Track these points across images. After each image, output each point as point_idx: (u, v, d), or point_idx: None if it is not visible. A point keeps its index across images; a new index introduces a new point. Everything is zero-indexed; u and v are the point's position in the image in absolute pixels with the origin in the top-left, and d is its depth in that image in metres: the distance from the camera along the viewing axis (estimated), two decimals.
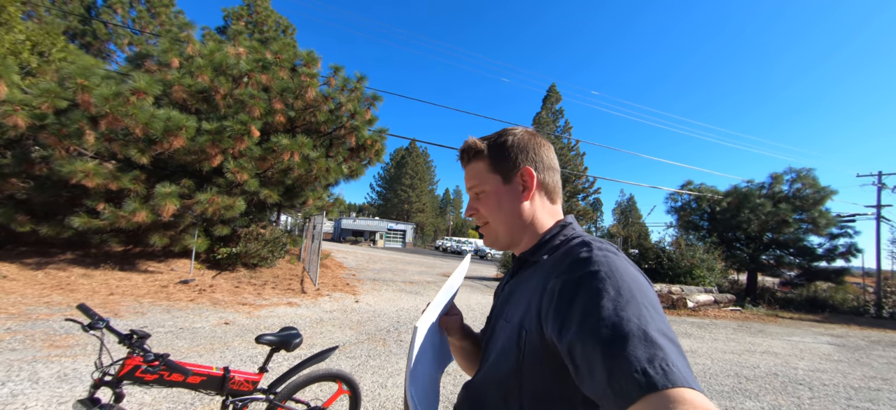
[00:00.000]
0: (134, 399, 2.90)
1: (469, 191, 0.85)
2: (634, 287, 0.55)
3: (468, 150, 0.84)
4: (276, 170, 8.66)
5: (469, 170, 0.84)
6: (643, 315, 0.51)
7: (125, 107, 6.50)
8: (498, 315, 0.80)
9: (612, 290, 0.54)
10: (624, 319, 0.50)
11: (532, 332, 0.64)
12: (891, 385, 5.39)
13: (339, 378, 2.29)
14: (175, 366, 1.61)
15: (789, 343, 8.03)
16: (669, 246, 15.20)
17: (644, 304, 0.53)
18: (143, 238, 8.05)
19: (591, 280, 0.57)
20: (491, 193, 0.80)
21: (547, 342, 0.61)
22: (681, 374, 0.44)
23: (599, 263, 0.59)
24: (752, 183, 18.73)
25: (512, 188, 0.79)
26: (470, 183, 0.84)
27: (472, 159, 0.84)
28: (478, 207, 0.83)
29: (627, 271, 0.59)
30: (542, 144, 0.82)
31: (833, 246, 17.34)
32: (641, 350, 0.46)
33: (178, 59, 8.17)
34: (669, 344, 0.48)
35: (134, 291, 6.49)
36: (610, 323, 0.50)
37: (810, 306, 15.72)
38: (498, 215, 0.80)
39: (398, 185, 59.35)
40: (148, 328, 4.75)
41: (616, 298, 0.53)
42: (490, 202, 0.80)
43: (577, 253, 0.64)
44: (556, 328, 0.57)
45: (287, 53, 9.23)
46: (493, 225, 0.81)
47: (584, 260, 0.61)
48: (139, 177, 7.45)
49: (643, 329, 0.49)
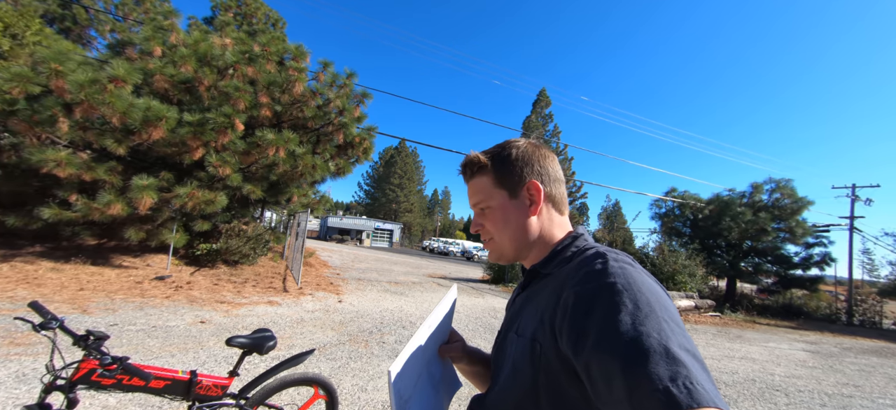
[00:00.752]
0: (97, 402, 2.75)
1: (474, 206, 0.82)
2: (653, 299, 0.53)
3: (471, 165, 0.81)
4: (260, 165, 8.46)
5: (473, 185, 0.81)
6: (664, 329, 0.49)
7: (102, 95, 6.24)
8: (508, 327, 0.78)
9: (630, 303, 0.52)
10: (643, 334, 0.48)
11: (546, 347, 0.61)
12: (862, 392, 5.54)
13: (314, 382, 2.21)
14: (135, 370, 1.51)
15: (766, 350, 8.22)
16: (653, 252, 15.47)
17: (664, 318, 0.51)
18: (117, 231, 7.76)
19: (607, 292, 0.54)
20: (497, 209, 0.78)
21: (563, 357, 0.58)
22: (707, 394, 0.42)
23: (616, 275, 0.57)
24: (734, 191, 19.24)
25: (519, 202, 0.77)
26: (475, 198, 0.81)
27: (475, 174, 0.81)
28: (483, 223, 0.80)
29: (645, 283, 0.56)
30: (547, 156, 0.80)
31: (808, 255, 17.93)
32: (663, 367, 0.44)
33: (160, 47, 7.90)
34: (693, 361, 0.46)
35: (106, 287, 6.24)
36: (629, 339, 0.48)
37: (786, 313, 16.20)
38: (504, 231, 0.77)
39: (386, 185, 59.02)
40: (119, 325, 4.56)
41: (634, 312, 0.51)
42: (496, 218, 0.78)
43: (592, 265, 0.61)
44: (571, 343, 0.55)
45: (275, 46, 9.04)
46: (499, 241, 0.78)
47: (600, 272, 0.58)
48: (115, 169, 7.18)
49: (664, 344, 0.46)
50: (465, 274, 19.38)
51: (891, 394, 5.59)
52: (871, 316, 16.85)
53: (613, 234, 22.62)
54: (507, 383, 0.68)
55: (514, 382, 0.66)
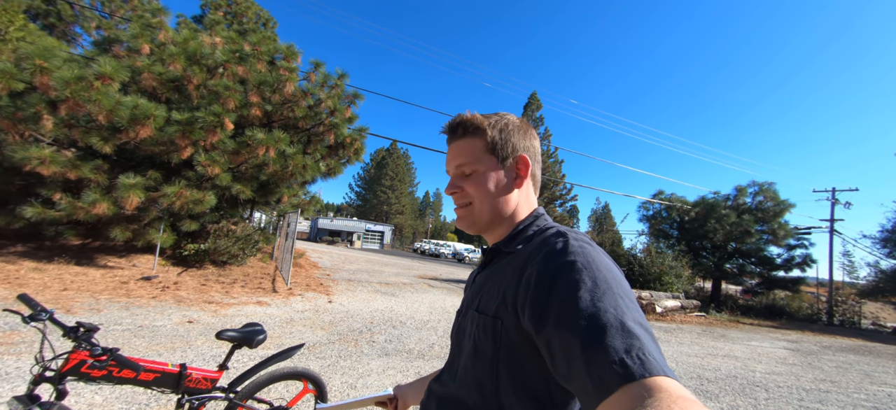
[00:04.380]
0: (83, 399, 2.73)
1: (457, 168, 0.78)
2: (610, 277, 0.55)
3: (463, 125, 0.78)
4: (250, 164, 8.41)
5: (460, 146, 0.78)
6: (619, 305, 0.51)
7: (88, 93, 6.16)
8: (468, 306, 0.78)
9: (589, 281, 0.54)
10: (601, 310, 0.50)
11: (509, 324, 0.63)
12: (838, 387, 5.73)
13: (304, 376, 2.23)
14: (125, 362, 1.53)
15: (748, 348, 8.42)
16: (641, 253, 15.69)
17: (620, 295, 0.53)
18: (103, 231, 7.64)
19: (567, 270, 0.56)
20: (483, 174, 0.75)
21: (524, 333, 0.60)
22: (657, 363, 0.45)
23: (575, 253, 0.59)
24: (719, 194, 19.65)
25: (506, 173, 0.77)
26: (460, 159, 0.77)
27: (466, 134, 0.78)
28: (464, 186, 0.77)
29: (603, 262, 0.58)
30: (534, 135, 0.82)
31: (790, 256, 18.39)
32: (619, 340, 0.47)
33: (149, 45, 7.81)
34: (645, 334, 0.49)
35: (91, 287, 6.14)
36: (588, 314, 0.50)
37: (769, 313, 16.57)
38: (485, 198, 0.75)
39: (378, 186, 58.80)
40: (104, 325, 4.50)
41: (593, 289, 0.53)
42: (480, 182, 0.75)
43: (553, 244, 0.63)
44: (533, 319, 0.56)
45: (266, 46, 9.00)
46: (477, 207, 0.76)
47: (561, 251, 0.60)
48: (101, 167, 7.07)
49: (620, 319, 0.49)
50: (456, 275, 19.43)
51: (865, 389, 5.79)
52: (851, 316, 17.35)
53: (603, 236, 22.90)
54: (468, 361, 0.69)
55: (475, 359, 0.67)
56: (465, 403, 0.68)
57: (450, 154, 0.80)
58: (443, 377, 0.77)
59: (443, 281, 15.45)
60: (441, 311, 8.34)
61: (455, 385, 0.72)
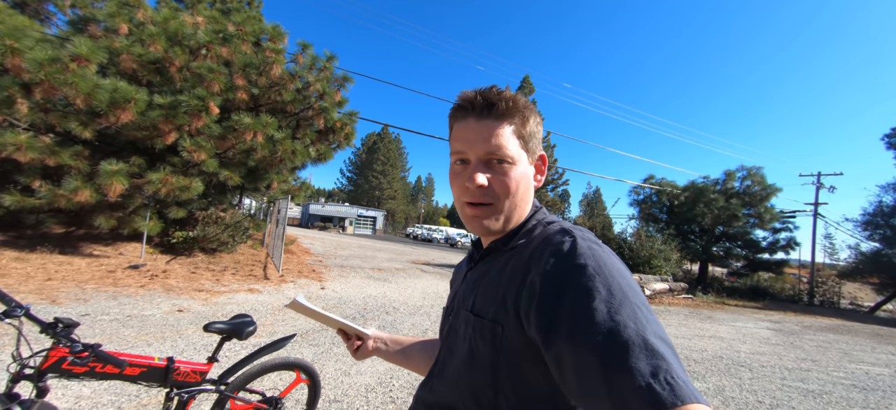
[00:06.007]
0: (71, 392, 2.68)
1: (489, 154, 0.63)
2: (624, 284, 0.51)
3: (507, 102, 0.63)
4: (237, 150, 8.21)
5: (498, 128, 0.63)
6: (639, 318, 0.46)
7: (64, 75, 5.90)
8: (460, 305, 0.71)
9: (603, 289, 0.49)
10: (620, 324, 0.45)
11: (510, 330, 0.57)
12: (819, 366, 5.93)
13: (296, 366, 2.21)
14: (108, 357, 1.47)
15: (733, 329, 8.66)
16: (631, 237, 15.92)
17: (637, 305, 0.48)
18: (86, 219, 7.44)
19: (578, 276, 0.51)
20: (515, 170, 0.64)
21: (529, 341, 0.55)
22: (687, 389, 0.41)
23: (585, 256, 0.53)
24: (708, 179, 19.93)
25: (531, 172, 0.69)
26: (497, 145, 0.62)
27: (506, 116, 0.64)
28: (492, 178, 0.63)
29: (615, 266, 0.53)
30: None
31: (775, 239, 18.86)
32: (643, 361, 0.42)
33: (127, 24, 7.48)
34: (669, 352, 0.44)
35: (76, 276, 6.00)
36: (605, 329, 0.45)
37: (753, 294, 17.05)
38: (513, 198, 0.65)
39: (369, 171, 58.37)
40: (91, 315, 4.42)
41: (608, 299, 0.48)
42: (512, 179, 0.64)
43: (559, 244, 0.57)
44: (541, 330, 0.51)
45: (251, 26, 8.70)
46: (505, 207, 0.65)
47: (568, 254, 0.55)
48: (81, 153, 6.84)
49: (642, 335, 0.44)
50: (449, 260, 19.52)
51: (844, 368, 6.01)
52: (831, 296, 17.93)
53: (594, 220, 23.16)
54: (462, 366, 0.64)
55: (471, 366, 0.62)
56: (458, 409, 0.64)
57: (475, 133, 0.64)
58: (432, 381, 0.71)
59: (435, 266, 15.51)
60: (434, 296, 8.38)
61: (446, 390, 0.67)
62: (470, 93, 0.65)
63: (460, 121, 0.66)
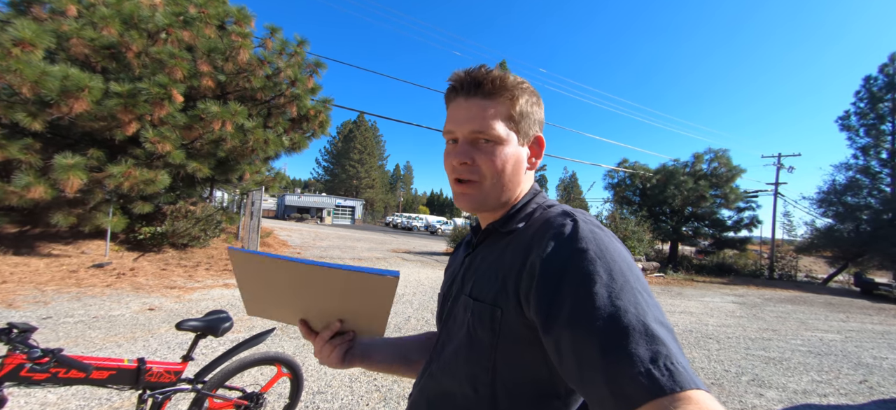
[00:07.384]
0: (34, 398, 2.53)
1: (473, 133, 0.63)
2: (626, 268, 0.50)
3: (494, 81, 0.63)
4: (205, 140, 7.84)
5: (484, 107, 0.63)
6: (639, 302, 0.46)
7: (6, 61, 5.42)
8: (458, 290, 0.70)
9: (604, 273, 0.48)
10: (621, 308, 0.45)
11: (509, 314, 0.57)
12: (779, 335, 6.34)
13: (277, 360, 2.16)
14: (71, 362, 1.39)
15: (702, 304, 9.11)
16: (606, 220, 16.37)
17: (639, 289, 0.48)
18: (42, 217, 6.97)
19: (578, 260, 0.51)
20: (504, 149, 0.64)
21: (528, 324, 0.55)
22: (687, 374, 0.40)
23: (587, 240, 0.53)
24: (678, 161, 20.66)
25: (524, 152, 0.67)
26: (481, 124, 0.62)
27: (493, 95, 0.63)
28: (476, 157, 0.63)
29: (617, 250, 0.53)
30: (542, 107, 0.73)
31: (739, 218, 19.87)
32: (643, 346, 0.42)
33: (75, 6, 6.91)
34: (669, 337, 0.44)
35: (34, 278, 5.64)
36: (605, 314, 0.45)
37: (719, 270, 17.97)
38: (501, 177, 0.64)
39: (346, 160, 57.29)
40: (54, 318, 4.17)
41: (609, 283, 0.47)
42: (498, 157, 0.63)
43: (560, 227, 0.56)
44: (540, 314, 0.51)
45: (214, 8, 8.22)
46: (489, 186, 0.65)
47: (570, 237, 0.54)
48: (32, 146, 6.35)
49: (642, 320, 0.44)
50: (429, 247, 19.55)
51: (801, 335, 6.45)
52: (789, 270, 19.15)
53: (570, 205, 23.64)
54: (460, 351, 0.63)
55: (469, 350, 0.62)
56: (455, 396, 0.63)
57: (463, 112, 0.64)
58: (431, 366, 0.70)
59: (416, 254, 15.50)
60: (416, 284, 8.39)
61: (444, 376, 0.66)
62: (459, 73, 0.66)
63: (451, 100, 0.67)
